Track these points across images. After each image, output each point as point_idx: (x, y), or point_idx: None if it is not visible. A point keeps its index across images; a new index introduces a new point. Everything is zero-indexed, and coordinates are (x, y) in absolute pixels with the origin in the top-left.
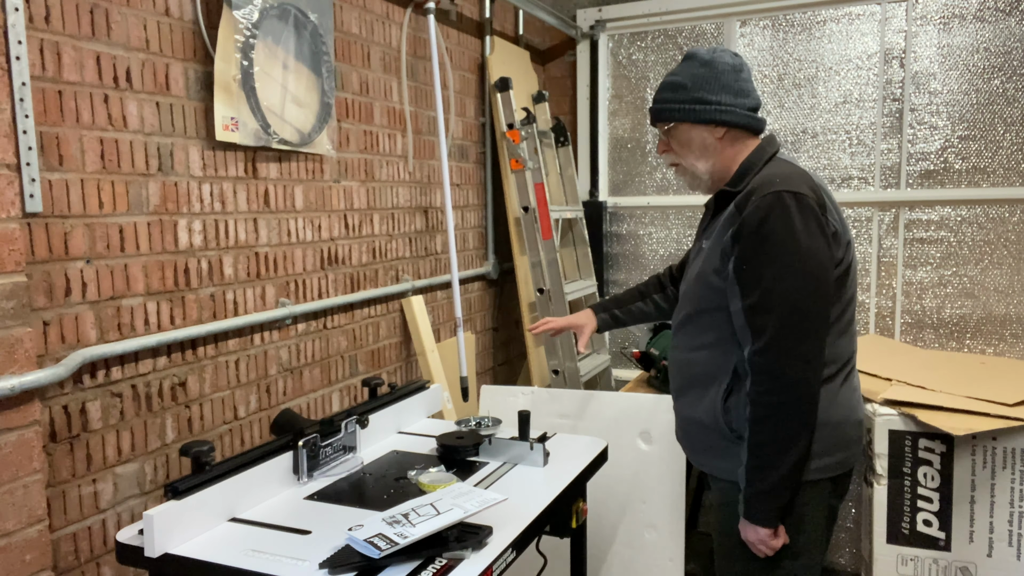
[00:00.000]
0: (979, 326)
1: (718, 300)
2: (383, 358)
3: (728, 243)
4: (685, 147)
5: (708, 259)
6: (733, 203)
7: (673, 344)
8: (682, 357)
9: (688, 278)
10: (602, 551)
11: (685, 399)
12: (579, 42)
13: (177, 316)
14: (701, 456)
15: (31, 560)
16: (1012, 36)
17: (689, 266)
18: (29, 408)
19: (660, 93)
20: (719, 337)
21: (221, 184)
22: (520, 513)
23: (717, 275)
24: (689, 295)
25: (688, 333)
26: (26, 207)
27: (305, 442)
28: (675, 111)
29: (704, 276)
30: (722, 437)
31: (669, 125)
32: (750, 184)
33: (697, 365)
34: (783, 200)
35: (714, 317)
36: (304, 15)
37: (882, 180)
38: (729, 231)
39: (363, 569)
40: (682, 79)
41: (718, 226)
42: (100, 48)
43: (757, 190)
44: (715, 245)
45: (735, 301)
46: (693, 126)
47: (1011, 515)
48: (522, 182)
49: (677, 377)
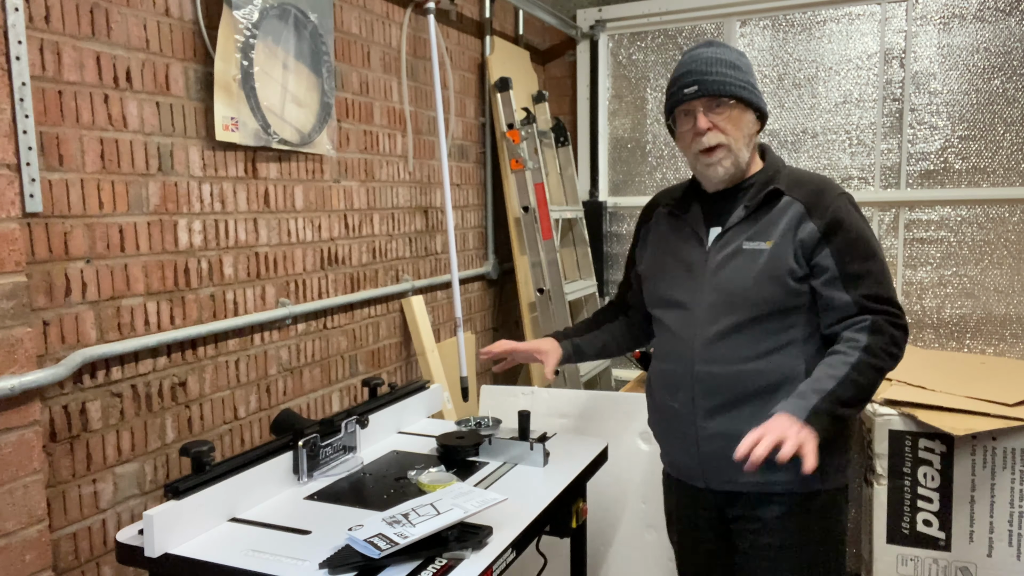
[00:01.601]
0: (979, 326)
1: (792, 299)
2: (383, 358)
3: (812, 239)
4: (737, 128)
5: (773, 258)
6: (798, 202)
7: (707, 358)
8: (731, 370)
9: (726, 281)
10: (602, 551)
11: (735, 414)
12: (579, 42)
13: (177, 316)
14: (752, 476)
15: (31, 560)
16: (1012, 36)
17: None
18: (29, 408)
19: (716, 67)
20: (791, 339)
21: (221, 184)
22: (520, 513)
23: (793, 271)
24: (740, 299)
25: (739, 342)
26: (26, 207)
27: (305, 442)
28: (739, 87)
29: (771, 275)
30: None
31: (730, 101)
32: (795, 183)
33: (758, 374)
34: (853, 200)
35: (787, 318)
36: (304, 15)
37: (882, 180)
38: (807, 228)
39: (363, 569)
40: (735, 59)
41: (772, 225)
42: (100, 48)
43: (825, 190)
44: (783, 243)
45: (838, 291)
46: (746, 110)
47: (1011, 515)
48: (522, 182)
49: (723, 392)
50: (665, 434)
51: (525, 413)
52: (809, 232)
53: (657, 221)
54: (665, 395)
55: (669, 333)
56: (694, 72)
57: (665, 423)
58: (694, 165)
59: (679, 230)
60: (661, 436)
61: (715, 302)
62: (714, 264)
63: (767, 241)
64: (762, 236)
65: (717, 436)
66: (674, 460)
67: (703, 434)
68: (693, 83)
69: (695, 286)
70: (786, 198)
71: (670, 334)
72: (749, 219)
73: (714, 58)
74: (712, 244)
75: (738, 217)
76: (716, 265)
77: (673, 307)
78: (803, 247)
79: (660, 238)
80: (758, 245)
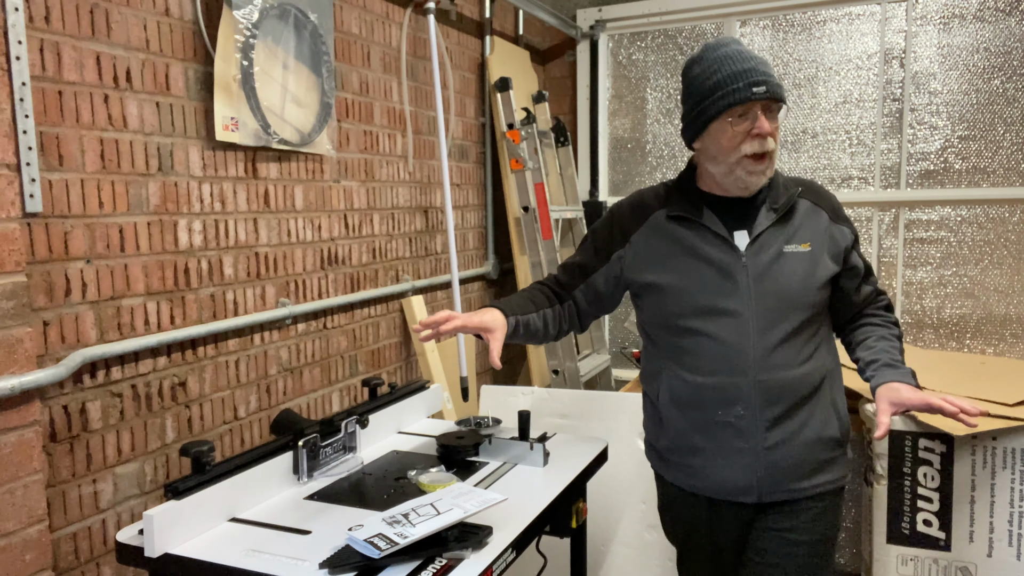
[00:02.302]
0: (979, 326)
1: (826, 301)
2: (383, 358)
3: (848, 242)
4: (777, 137)
5: (814, 260)
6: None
7: (770, 365)
8: (789, 375)
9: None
10: (602, 551)
11: (791, 422)
12: (579, 42)
13: (177, 316)
14: (805, 480)
15: (31, 560)
16: (1012, 36)
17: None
18: (29, 408)
19: (771, 69)
20: (823, 338)
21: (221, 184)
22: (520, 513)
23: (830, 276)
24: (795, 302)
25: (794, 347)
26: (26, 207)
27: (305, 442)
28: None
29: (817, 277)
30: (839, 444)
31: (783, 109)
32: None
33: (808, 377)
34: None
35: (819, 317)
36: (304, 15)
37: (882, 180)
38: (841, 232)
39: (363, 569)
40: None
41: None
42: (100, 48)
43: (830, 195)
44: (820, 246)
45: (863, 285)
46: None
47: (1011, 515)
48: (522, 182)
49: (784, 399)
50: (710, 453)
51: (525, 413)
52: (845, 236)
53: (658, 225)
54: (714, 411)
55: (715, 343)
56: (758, 71)
57: (712, 440)
58: (732, 169)
59: (698, 234)
60: (700, 456)
61: (768, 308)
62: (757, 269)
63: (803, 244)
64: (797, 239)
65: (779, 444)
66: (720, 479)
67: (765, 445)
68: (762, 83)
69: (738, 293)
70: (805, 202)
71: (717, 344)
72: (778, 223)
73: (763, 59)
74: (748, 248)
75: (768, 220)
76: (760, 270)
77: (718, 316)
78: (843, 250)
79: (675, 244)
80: (797, 248)
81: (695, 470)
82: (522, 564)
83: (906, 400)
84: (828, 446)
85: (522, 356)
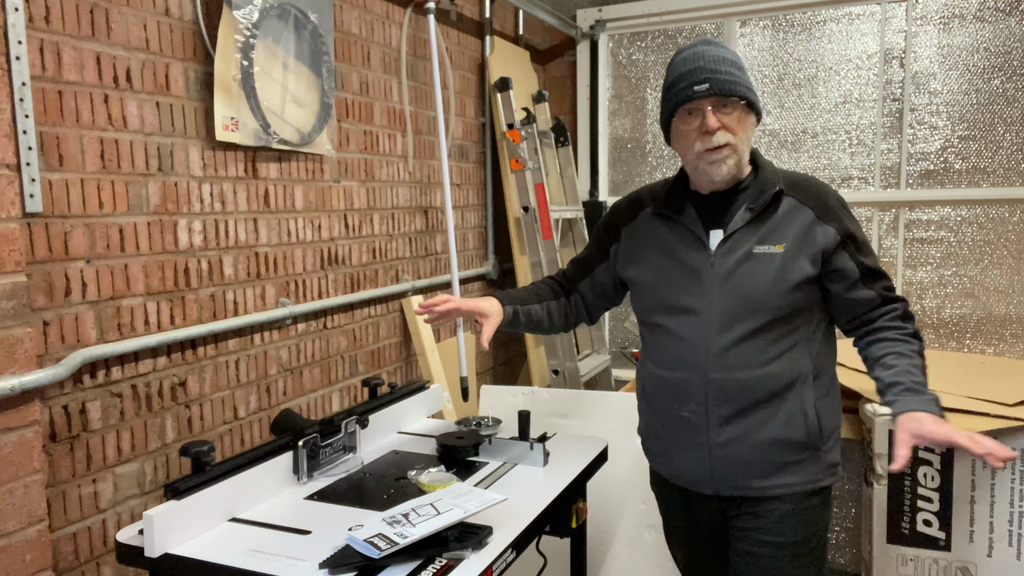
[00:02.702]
0: (979, 326)
1: (802, 303)
2: (383, 358)
3: (832, 243)
4: (743, 129)
5: (787, 262)
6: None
7: (723, 365)
8: (746, 376)
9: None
10: (602, 551)
11: (748, 420)
12: (579, 42)
13: (177, 316)
14: (764, 480)
15: (31, 560)
16: (1012, 36)
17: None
18: (29, 408)
19: (725, 66)
20: (797, 340)
21: (221, 184)
22: (520, 513)
23: (810, 274)
24: (757, 304)
25: (753, 347)
26: (26, 207)
27: (305, 442)
28: (747, 89)
29: (788, 279)
30: (805, 447)
31: (740, 102)
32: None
33: (771, 378)
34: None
35: (793, 321)
36: (304, 15)
37: (882, 180)
38: (824, 232)
39: (363, 569)
40: (737, 60)
41: (781, 228)
42: (100, 48)
43: (825, 192)
44: (796, 246)
45: (859, 290)
46: (749, 111)
47: (1011, 515)
48: (522, 182)
49: (738, 398)
50: (669, 444)
51: (525, 413)
52: (827, 237)
53: (644, 222)
54: (671, 404)
55: (674, 340)
56: (704, 69)
57: (670, 432)
58: (695, 164)
59: (675, 233)
60: (663, 445)
61: (728, 308)
62: (724, 269)
63: (778, 245)
64: (772, 240)
65: (731, 442)
66: (679, 470)
67: (716, 441)
68: (704, 80)
69: (703, 292)
70: (789, 200)
71: (676, 341)
72: (754, 222)
73: (720, 56)
74: (717, 248)
75: (743, 220)
76: (726, 270)
77: (680, 313)
78: (823, 252)
79: (654, 241)
80: (769, 249)
81: (662, 458)
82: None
83: (928, 433)
84: (790, 448)
85: (522, 356)
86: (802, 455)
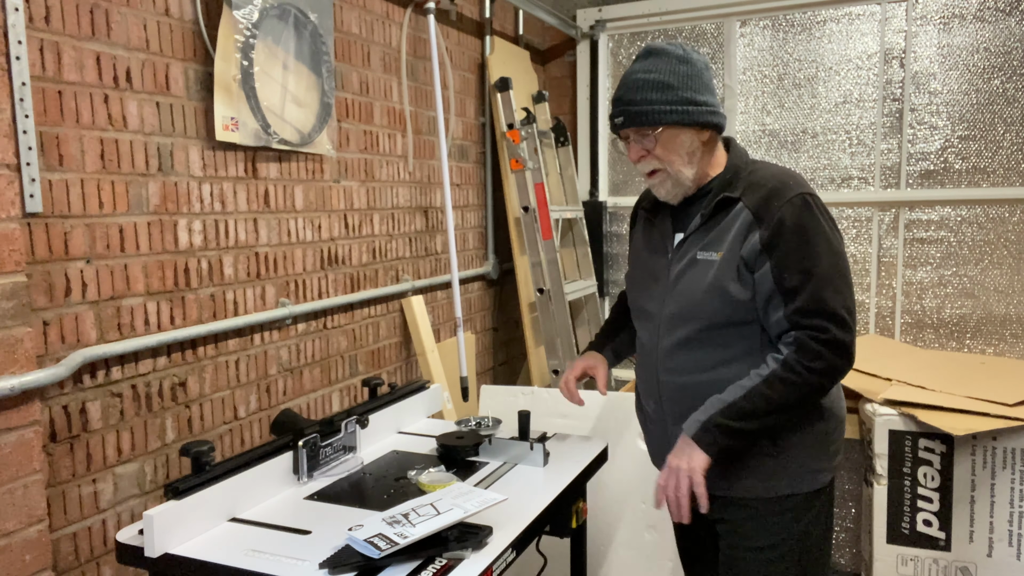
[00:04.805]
0: (979, 326)
1: (742, 313)
2: (383, 358)
3: (754, 252)
4: (672, 152)
5: (721, 270)
6: (747, 210)
7: (668, 368)
8: (691, 380)
9: (681, 292)
10: (602, 551)
11: None
12: (579, 42)
13: (177, 316)
14: (723, 481)
15: (31, 560)
16: (1012, 36)
17: (675, 279)
18: (29, 408)
19: (642, 93)
20: (748, 348)
21: (221, 184)
22: (520, 513)
23: (739, 285)
24: (694, 311)
25: (698, 352)
26: (26, 207)
27: (305, 442)
28: (665, 113)
29: (719, 288)
30: (760, 454)
31: (657, 130)
32: (751, 187)
33: (717, 384)
34: (807, 203)
35: (743, 328)
36: (304, 15)
37: (882, 180)
38: (752, 239)
39: (363, 569)
40: (665, 77)
41: (723, 234)
42: (100, 48)
43: (776, 194)
44: (730, 255)
45: (775, 309)
46: (682, 129)
47: (1011, 515)
48: (522, 182)
49: (686, 400)
50: (647, 435)
51: (525, 413)
52: (752, 245)
53: (639, 225)
54: (642, 400)
55: (639, 341)
56: (621, 100)
57: (648, 428)
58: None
59: (650, 236)
60: (648, 439)
61: (673, 313)
62: (674, 274)
63: (718, 252)
64: (714, 246)
65: None
66: (655, 461)
67: (672, 440)
68: (620, 113)
69: (659, 295)
70: (739, 204)
71: (640, 342)
72: (704, 227)
73: (642, 80)
74: (673, 252)
75: (695, 225)
76: (676, 275)
77: (642, 316)
78: (746, 261)
79: (637, 243)
80: (709, 256)
81: (650, 452)
82: (522, 564)
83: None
84: (745, 453)
85: (522, 356)
86: (764, 461)
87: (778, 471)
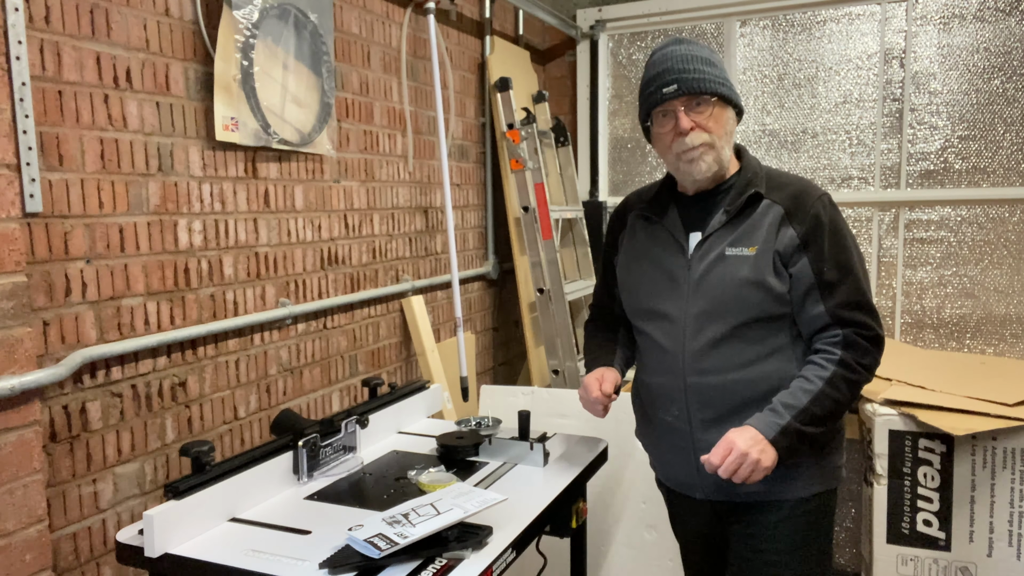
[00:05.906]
0: (979, 326)
1: (777, 306)
2: (383, 358)
3: (791, 246)
4: (720, 126)
5: (757, 264)
6: (777, 206)
7: (700, 369)
8: (723, 380)
9: (710, 290)
10: (602, 551)
11: (729, 425)
12: (579, 42)
13: (177, 316)
14: (753, 486)
15: (31, 560)
16: (1012, 36)
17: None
18: (29, 408)
19: (694, 64)
20: (780, 344)
21: (221, 184)
22: (520, 513)
23: (777, 279)
24: (727, 306)
25: (729, 351)
26: (26, 207)
27: (305, 442)
28: (718, 84)
29: (758, 281)
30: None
31: (712, 99)
32: (774, 186)
33: (751, 383)
34: (833, 203)
35: (773, 324)
36: (304, 15)
37: (882, 180)
38: (786, 234)
39: (363, 569)
40: (708, 56)
41: (753, 229)
42: (100, 48)
43: (805, 193)
44: (766, 249)
45: (813, 304)
46: (726, 107)
47: (1011, 515)
48: (522, 182)
49: (717, 403)
50: (658, 447)
51: (525, 413)
52: (788, 239)
53: (632, 227)
54: (657, 409)
55: (655, 345)
56: (672, 71)
57: (657, 436)
58: (675, 166)
59: (656, 236)
60: (654, 448)
61: (701, 312)
62: (697, 272)
63: (750, 247)
64: (745, 242)
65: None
66: (669, 473)
67: (700, 446)
68: (672, 81)
69: (679, 296)
70: (766, 201)
71: (656, 346)
72: (730, 224)
73: (689, 55)
74: (694, 251)
75: (719, 222)
76: (700, 273)
77: (658, 318)
78: (782, 255)
79: (637, 245)
80: (741, 251)
81: (656, 461)
82: (522, 564)
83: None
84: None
85: (522, 356)
86: (802, 461)
87: (810, 470)
